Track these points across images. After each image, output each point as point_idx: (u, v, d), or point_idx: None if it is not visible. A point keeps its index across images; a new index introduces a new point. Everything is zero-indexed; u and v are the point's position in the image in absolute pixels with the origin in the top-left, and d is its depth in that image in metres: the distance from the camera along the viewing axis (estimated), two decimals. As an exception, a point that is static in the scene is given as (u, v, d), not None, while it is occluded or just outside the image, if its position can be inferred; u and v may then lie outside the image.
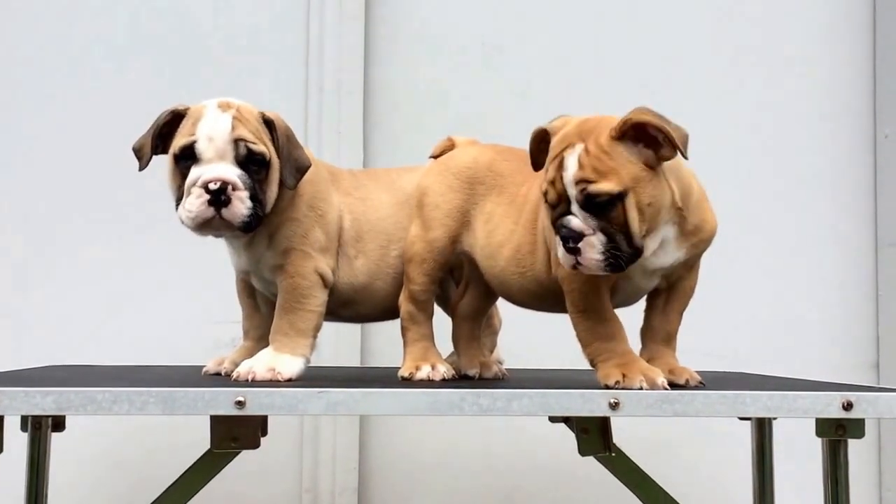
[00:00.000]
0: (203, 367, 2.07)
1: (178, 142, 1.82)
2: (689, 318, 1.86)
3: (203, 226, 1.80)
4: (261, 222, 1.84)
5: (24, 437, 2.13)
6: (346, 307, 2.02)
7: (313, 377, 1.89)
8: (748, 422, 2.34)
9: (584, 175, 1.60)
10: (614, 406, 1.62)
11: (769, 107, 3.08)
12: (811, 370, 2.76)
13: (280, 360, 1.83)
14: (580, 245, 1.61)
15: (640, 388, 1.65)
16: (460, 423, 2.87)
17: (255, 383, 1.75)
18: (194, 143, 1.80)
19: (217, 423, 1.66)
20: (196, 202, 1.77)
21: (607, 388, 1.67)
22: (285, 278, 1.90)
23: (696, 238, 1.74)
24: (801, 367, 2.86)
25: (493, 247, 1.89)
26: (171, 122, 1.86)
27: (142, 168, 1.88)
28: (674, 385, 1.73)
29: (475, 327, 2.04)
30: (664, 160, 1.63)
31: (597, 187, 1.59)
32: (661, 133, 1.59)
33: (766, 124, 3.08)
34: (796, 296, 3.05)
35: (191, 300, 2.84)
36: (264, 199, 1.83)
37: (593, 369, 1.74)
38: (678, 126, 1.61)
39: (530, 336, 2.48)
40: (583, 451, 1.77)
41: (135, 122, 2.00)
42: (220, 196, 1.77)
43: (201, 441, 1.70)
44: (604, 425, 1.76)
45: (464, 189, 1.95)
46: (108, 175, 2.82)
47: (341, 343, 2.81)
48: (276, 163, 1.85)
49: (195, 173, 1.79)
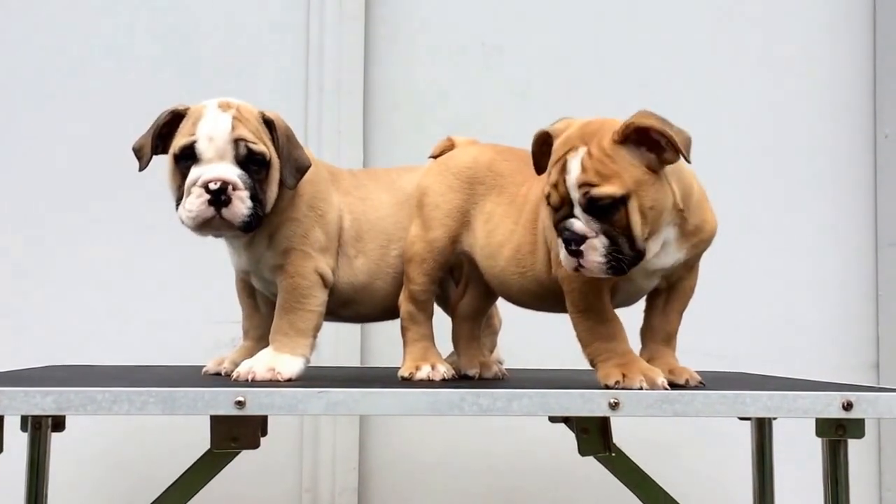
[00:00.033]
0: (203, 367, 2.07)
1: (179, 142, 1.82)
2: (689, 318, 1.86)
3: (203, 226, 1.80)
4: (261, 222, 1.84)
5: (24, 437, 2.12)
6: (346, 307, 2.02)
7: (313, 377, 1.89)
8: (748, 422, 2.34)
9: (587, 178, 1.60)
10: (614, 406, 1.62)
11: (769, 107, 3.08)
12: (811, 370, 2.77)
13: (280, 360, 1.83)
14: (582, 248, 1.61)
15: (640, 388, 1.65)
16: (460, 423, 2.87)
17: (255, 383, 1.75)
18: (194, 143, 1.79)
19: (217, 423, 1.66)
20: (196, 202, 1.77)
21: (607, 388, 1.67)
22: (285, 278, 1.90)
23: (697, 238, 1.73)
24: (801, 367, 2.86)
25: (493, 247, 1.89)
26: (171, 122, 1.85)
27: (142, 168, 1.88)
28: (674, 385, 1.73)
29: (475, 327, 2.04)
30: (667, 164, 1.62)
31: (600, 191, 1.59)
32: (663, 137, 1.58)
33: (766, 124, 3.08)
34: (796, 296, 3.05)
35: (191, 300, 2.84)
36: (264, 198, 1.83)
37: (593, 369, 1.74)
38: (681, 130, 1.60)
39: (530, 336, 2.47)
40: (583, 451, 1.77)
41: (135, 122, 2.00)
42: (220, 196, 1.77)
43: (201, 441, 1.70)
44: (604, 425, 1.76)
45: (464, 189, 1.95)
46: (108, 175, 2.82)
47: (341, 343, 2.81)
48: (276, 163, 1.85)
49: (195, 173, 1.78)
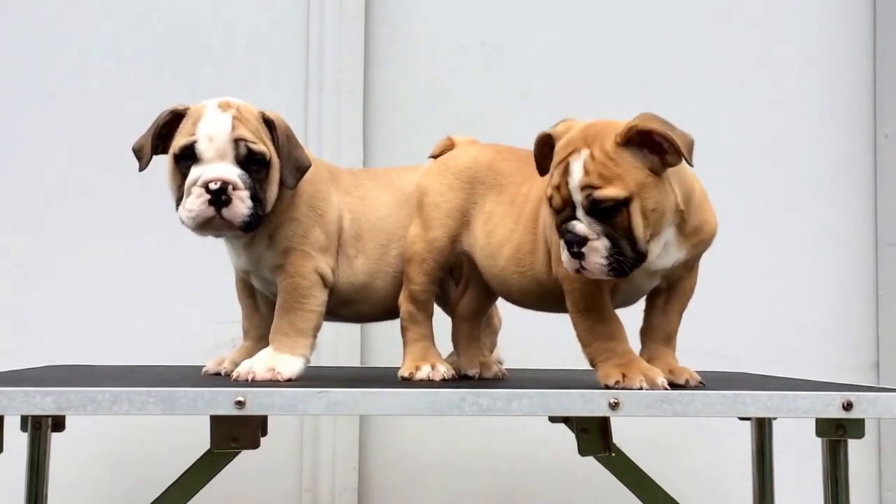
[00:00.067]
0: (203, 367, 2.07)
1: (179, 142, 1.82)
2: (689, 318, 1.86)
3: (203, 226, 1.80)
4: (261, 222, 1.84)
5: (24, 437, 2.12)
6: (346, 307, 2.02)
7: (313, 377, 1.89)
8: (748, 422, 2.34)
9: (590, 181, 1.60)
10: (614, 406, 1.62)
11: (769, 107, 3.08)
12: (811, 370, 2.77)
13: (280, 359, 1.83)
14: (584, 250, 1.61)
15: (640, 388, 1.65)
16: (460, 423, 2.87)
17: (255, 383, 1.75)
18: (194, 143, 1.79)
19: (217, 423, 1.66)
20: (196, 202, 1.77)
21: (607, 388, 1.67)
22: (285, 278, 1.89)
23: (697, 238, 1.73)
24: (801, 367, 2.86)
25: (493, 246, 1.89)
26: (171, 122, 1.85)
27: (142, 168, 1.88)
28: (674, 385, 1.73)
29: (475, 327, 2.04)
30: (669, 166, 1.62)
31: (602, 193, 1.59)
32: (666, 140, 1.58)
33: (765, 124, 3.08)
34: (796, 296, 3.05)
35: (191, 300, 2.84)
36: (264, 198, 1.83)
37: (593, 369, 1.74)
38: (683, 133, 1.60)
39: (530, 336, 2.47)
40: (583, 451, 1.77)
41: (135, 122, 2.00)
42: (220, 196, 1.77)
43: (201, 441, 1.70)
44: (604, 425, 1.76)
45: (464, 189, 1.95)
46: (108, 175, 2.82)
47: (341, 343, 2.81)
48: (276, 162, 1.85)
49: (195, 173, 1.78)
